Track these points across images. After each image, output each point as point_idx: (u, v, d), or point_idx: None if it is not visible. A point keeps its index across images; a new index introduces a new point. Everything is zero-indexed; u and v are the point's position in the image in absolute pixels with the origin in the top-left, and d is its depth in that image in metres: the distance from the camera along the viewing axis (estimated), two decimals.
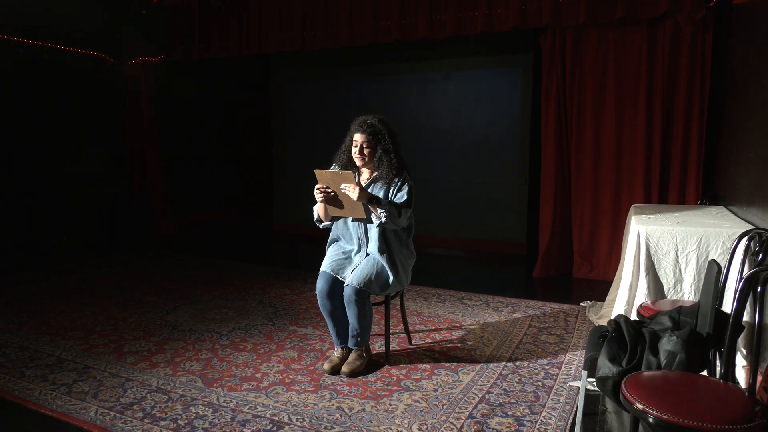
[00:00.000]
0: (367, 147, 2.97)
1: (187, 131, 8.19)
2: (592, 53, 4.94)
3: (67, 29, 6.41)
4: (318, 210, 3.15)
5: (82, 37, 6.63)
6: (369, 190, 3.00)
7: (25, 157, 6.22)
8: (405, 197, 2.97)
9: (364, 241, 3.09)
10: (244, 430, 2.45)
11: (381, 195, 2.99)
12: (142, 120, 7.29)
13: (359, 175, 3.11)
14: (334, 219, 3.17)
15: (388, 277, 3.01)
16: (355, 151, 2.99)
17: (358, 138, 2.99)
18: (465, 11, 5.20)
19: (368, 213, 2.95)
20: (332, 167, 3.13)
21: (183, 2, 6.77)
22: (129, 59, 7.04)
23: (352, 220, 3.10)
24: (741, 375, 2.33)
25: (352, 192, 2.82)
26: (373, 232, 3.02)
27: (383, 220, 2.89)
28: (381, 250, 3.00)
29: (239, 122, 9.16)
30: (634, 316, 2.75)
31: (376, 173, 3.03)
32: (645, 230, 3.01)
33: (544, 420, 2.52)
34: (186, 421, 2.53)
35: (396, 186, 3.00)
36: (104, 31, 6.73)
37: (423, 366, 3.14)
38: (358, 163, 3.02)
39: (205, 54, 6.81)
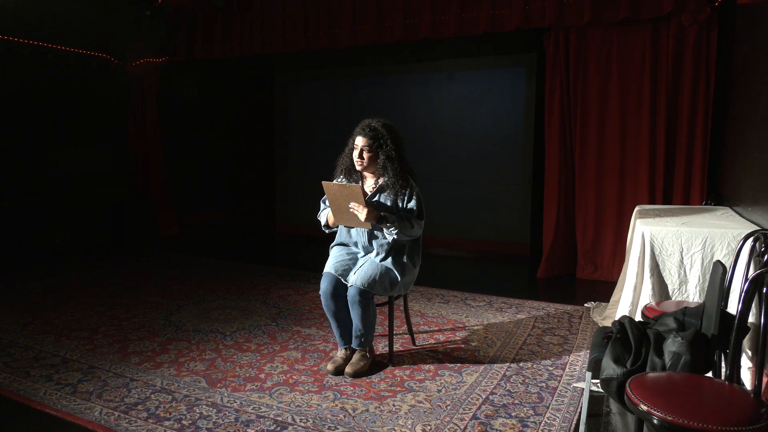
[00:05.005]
0: (368, 152, 2.95)
1: (191, 131, 8.21)
2: (595, 53, 4.93)
3: (71, 31, 6.44)
4: (327, 218, 3.13)
5: (87, 38, 6.65)
6: (375, 199, 3.00)
7: (29, 157, 6.24)
8: (416, 209, 2.97)
9: (369, 249, 3.09)
10: (248, 430, 2.46)
11: (388, 204, 2.98)
12: (145, 120, 7.32)
13: (363, 181, 3.10)
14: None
15: (393, 279, 3.01)
16: (355, 154, 2.98)
17: (359, 142, 2.97)
18: (468, 11, 5.19)
19: (375, 226, 2.94)
20: (339, 179, 3.10)
21: (186, 3, 6.78)
22: (133, 60, 7.05)
23: (355, 228, 3.09)
24: (746, 376, 2.32)
25: (360, 212, 2.81)
26: (378, 242, 3.03)
27: (395, 236, 2.89)
28: (385, 259, 3.01)
29: (242, 122, 9.18)
30: (638, 317, 2.74)
31: (381, 181, 3.01)
32: (650, 231, 3.00)
33: (548, 421, 2.52)
34: (190, 421, 2.53)
35: (404, 197, 2.98)
36: (108, 33, 6.75)
37: (426, 367, 3.14)
38: (357, 167, 3.01)
39: (209, 55, 6.83)
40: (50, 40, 6.31)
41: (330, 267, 3.06)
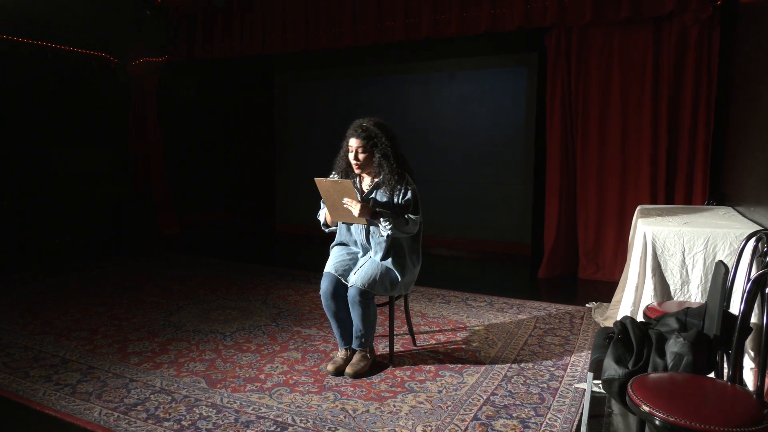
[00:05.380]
0: (363, 152, 2.94)
1: (191, 131, 8.21)
2: (597, 53, 4.91)
3: (71, 30, 6.44)
4: (326, 216, 3.13)
5: (87, 37, 6.65)
6: (372, 196, 2.99)
7: (29, 157, 6.24)
8: (411, 204, 2.96)
9: (368, 247, 3.08)
10: (248, 431, 2.45)
11: (384, 201, 2.96)
12: (145, 120, 7.32)
13: (360, 180, 3.09)
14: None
15: (393, 279, 3.00)
16: (351, 156, 2.97)
17: (353, 143, 2.96)
18: (469, 11, 5.18)
19: (370, 222, 2.93)
20: (332, 175, 3.10)
21: (186, 3, 6.77)
22: (133, 60, 7.05)
23: (353, 226, 3.08)
24: (749, 377, 2.31)
25: (353, 208, 2.80)
26: (376, 240, 3.01)
27: (390, 233, 2.87)
28: (385, 257, 3.00)
29: (242, 122, 9.18)
30: (640, 318, 2.73)
31: (377, 179, 3.01)
32: (651, 231, 2.98)
33: (550, 422, 2.51)
34: (190, 422, 2.52)
35: (400, 194, 2.97)
36: (108, 32, 6.75)
37: (427, 367, 3.13)
38: (355, 169, 3.00)
39: (209, 54, 6.82)
40: (50, 40, 6.31)
41: (330, 267, 3.05)
